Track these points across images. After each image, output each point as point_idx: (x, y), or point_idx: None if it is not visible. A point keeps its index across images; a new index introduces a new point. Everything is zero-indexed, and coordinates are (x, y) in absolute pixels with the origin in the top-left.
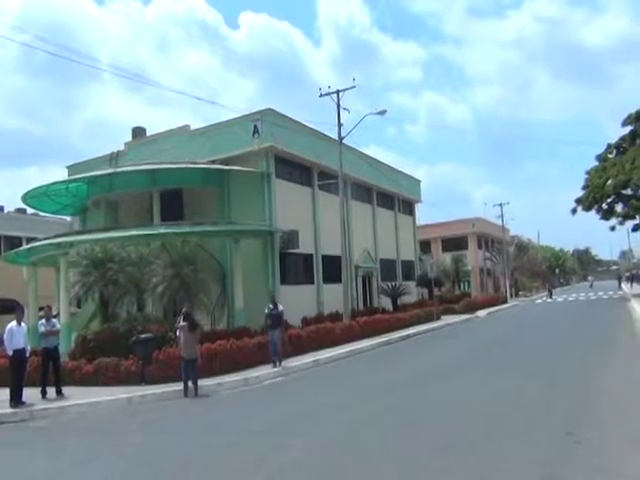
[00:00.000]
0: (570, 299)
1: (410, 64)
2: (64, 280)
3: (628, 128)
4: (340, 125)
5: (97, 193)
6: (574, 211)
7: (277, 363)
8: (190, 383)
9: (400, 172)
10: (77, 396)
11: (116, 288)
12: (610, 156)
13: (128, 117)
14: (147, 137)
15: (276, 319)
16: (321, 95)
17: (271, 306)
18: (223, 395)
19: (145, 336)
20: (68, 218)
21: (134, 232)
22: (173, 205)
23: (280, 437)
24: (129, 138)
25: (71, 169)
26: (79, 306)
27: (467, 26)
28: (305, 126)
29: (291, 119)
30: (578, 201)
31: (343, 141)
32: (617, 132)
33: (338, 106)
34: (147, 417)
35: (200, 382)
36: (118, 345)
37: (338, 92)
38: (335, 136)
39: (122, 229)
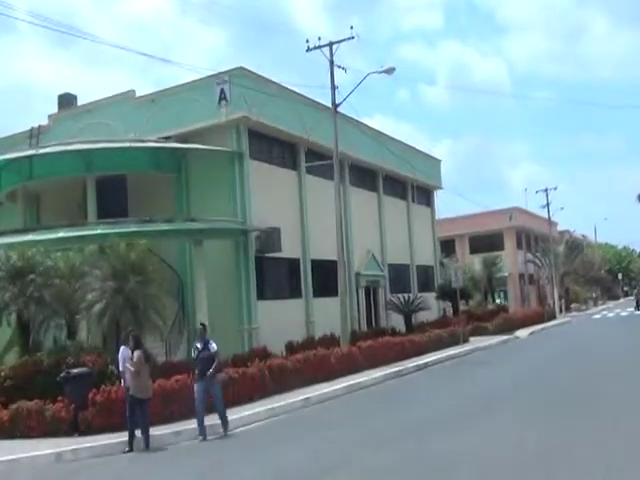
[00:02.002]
0: (638, 313)
1: (426, 6)
2: None
3: None
4: (334, 88)
5: (13, 182)
6: None
7: (224, 431)
8: (138, 433)
9: (414, 149)
10: None
11: (40, 308)
12: None
13: (53, 81)
14: (79, 107)
15: (206, 364)
16: (309, 49)
17: (199, 345)
18: (182, 448)
19: (78, 371)
20: None
21: (62, 233)
22: (114, 197)
23: None
24: (55, 109)
25: None
26: None
27: None
28: (288, 90)
29: (270, 81)
30: None
31: (338, 109)
32: None
33: (331, 63)
34: None
35: (151, 430)
36: (43, 384)
37: (331, 45)
38: (328, 103)
39: (47, 230)
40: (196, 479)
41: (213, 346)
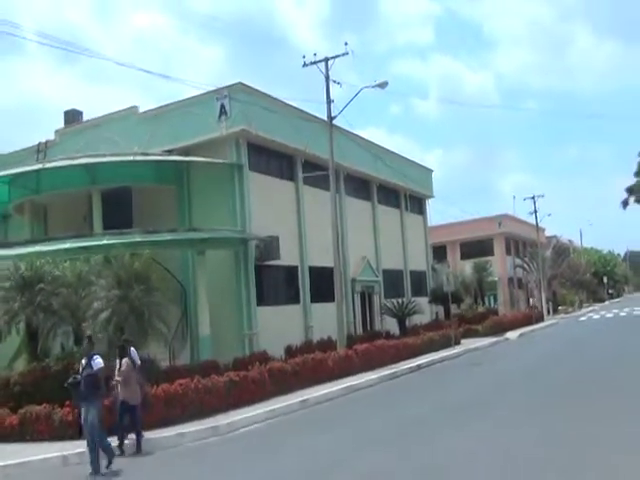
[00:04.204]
0: (623, 315)
1: (418, 23)
2: None
3: None
4: (330, 102)
5: (21, 195)
6: (625, 203)
7: (106, 463)
8: (133, 435)
9: (407, 160)
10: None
11: (48, 316)
12: None
13: (60, 98)
14: (84, 122)
15: (87, 384)
16: (305, 65)
17: (84, 361)
18: (186, 449)
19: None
20: None
21: (69, 244)
22: (119, 209)
23: None
24: (61, 124)
25: None
26: None
27: None
28: (286, 104)
29: (268, 96)
30: (630, 190)
31: (334, 122)
32: None
33: (327, 78)
34: None
35: (157, 432)
36: (50, 389)
37: (327, 60)
38: (324, 116)
39: (54, 240)
40: (196, 478)
41: (96, 362)
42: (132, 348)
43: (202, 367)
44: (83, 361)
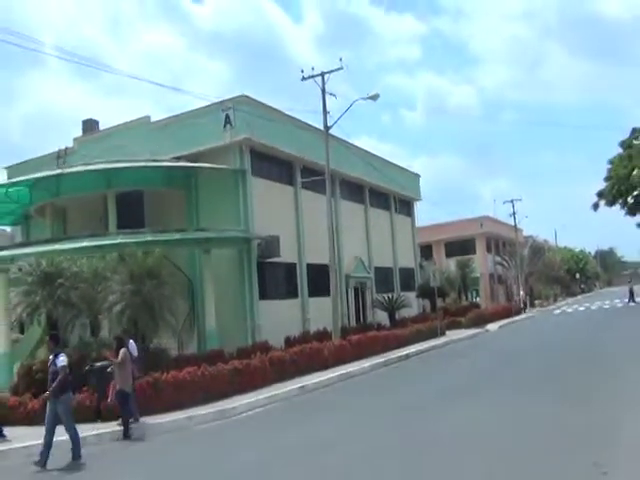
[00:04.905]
0: (594, 308)
1: (407, 41)
2: (3, 301)
3: None
4: (326, 113)
5: (42, 198)
6: (596, 206)
7: (72, 456)
8: (122, 422)
9: (396, 166)
10: (21, 438)
11: (67, 309)
12: (636, 142)
13: (78, 108)
14: (100, 131)
15: (54, 381)
16: (304, 78)
17: (51, 357)
18: (195, 431)
19: (101, 364)
20: (8, 229)
21: (86, 243)
22: (132, 210)
23: None
24: (79, 133)
25: (11, 170)
26: (22, 331)
27: None
28: (285, 115)
29: (269, 107)
30: (600, 194)
31: (330, 131)
32: None
33: (323, 91)
34: (103, 463)
35: (167, 416)
36: (69, 376)
37: (323, 74)
38: (320, 126)
39: (72, 239)
40: (201, 457)
41: (60, 359)
42: (131, 340)
43: (208, 356)
44: (51, 357)
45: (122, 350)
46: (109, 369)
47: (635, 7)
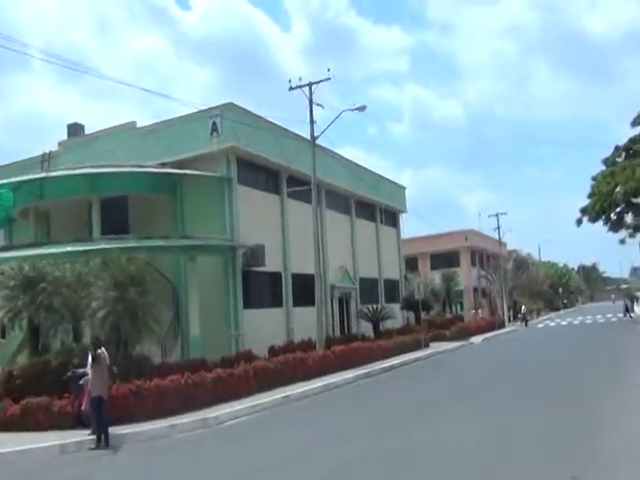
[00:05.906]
0: (576, 322)
1: (394, 53)
2: None
3: (638, 129)
4: (313, 123)
5: (25, 201)
6: (579, 222)
7: None
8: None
9: (382, 177)
10: (1, 443)
11: (49, 314)
12: (619, 160)
13: (63, 112)
14: (86, 135)
15: None
16: (291, 88)
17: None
18: (175, 440)
19: (83, 371)
20: None
21: (70, 248)
22: (116, 216)
23: None
24: (64, 136)
25: None
26: (3, 336)
27: (456, 10)
28: (272, 124)
29: (256, 115)
30: (583, 211)
31: (317, 141)
32: (626, 133)
33: (310, 101)
34: (82, 470)
35: (149, 424)
36: (50, 382)
37: (310, 85)
38: (307, 135)
39: (56, 244)
40: (177, 468)
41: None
42: (102, 348)
43: (192, 364)
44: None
45: (104, 356)
46: (81, 381)
47: (618, 25)
